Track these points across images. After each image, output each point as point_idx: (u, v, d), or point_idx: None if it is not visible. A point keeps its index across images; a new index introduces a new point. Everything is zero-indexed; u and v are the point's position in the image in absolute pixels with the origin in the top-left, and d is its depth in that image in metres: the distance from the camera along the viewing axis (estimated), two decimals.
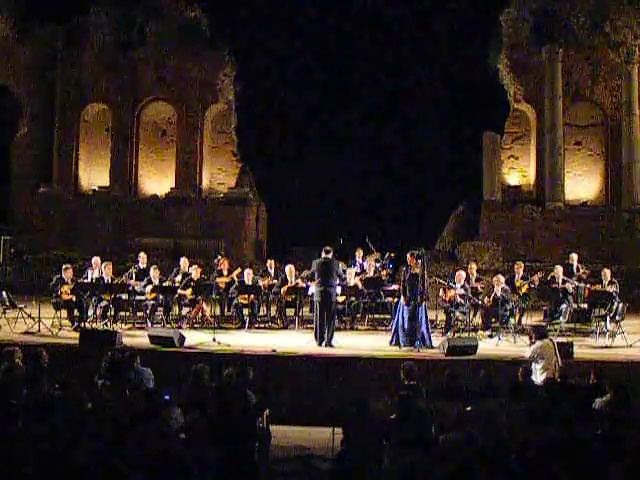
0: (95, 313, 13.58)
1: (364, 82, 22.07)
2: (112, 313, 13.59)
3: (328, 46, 21.89)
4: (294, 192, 21.25)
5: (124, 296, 13.83)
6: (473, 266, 14.55)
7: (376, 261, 14.89)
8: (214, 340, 11.82)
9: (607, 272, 13.83)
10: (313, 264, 12.31)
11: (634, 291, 17.66)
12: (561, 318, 13.76)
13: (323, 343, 11.77)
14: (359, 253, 14.96)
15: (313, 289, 12.69)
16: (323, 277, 11.89)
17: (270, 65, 21.92)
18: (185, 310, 14.16)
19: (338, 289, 12.94)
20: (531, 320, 13.80)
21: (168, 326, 13.43)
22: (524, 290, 13.85)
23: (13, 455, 5.64)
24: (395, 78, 21.86)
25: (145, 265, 14.59)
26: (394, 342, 11.90)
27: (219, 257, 14.93)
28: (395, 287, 13.93)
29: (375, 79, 22.09)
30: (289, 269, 14.28)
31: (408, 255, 12.18)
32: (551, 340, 10.17)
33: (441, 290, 13.67)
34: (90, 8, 21.48)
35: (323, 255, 12.05)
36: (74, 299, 13.21)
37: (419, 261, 12.03)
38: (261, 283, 14.18)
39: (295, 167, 21.39)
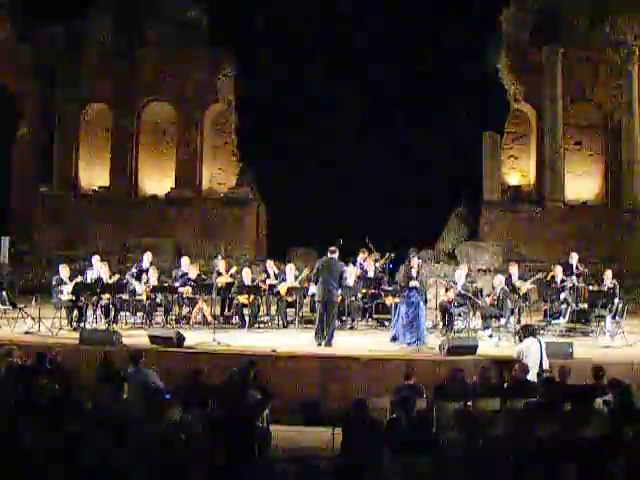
0: (95, 313, 13.58)
1: (364, 82, 22.06)
2: (112, 313, 13.58)
3: (328, 46, 21.88)
4: (294, 192, 21.24)
5: (124, 296, 13.83)
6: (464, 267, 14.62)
7: (375, 261, 14.88)
8: (214, 340, 11.81)
9: (609, 273, 13.83)
10: (317, 263, 12.30)
11: (634, 291, 17.68)
12: (561, 318, 13.76)
13: (323, 343, 11.76)
14: (363, 255, 14.87)
15: (313, 289, 12.69)
16: (325, 277, 11.87)
17: (270, 65, 21.91)
18: (185, 310, 14.16)
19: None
20: (531, 320, 13.78)
21: (168, 326, 13.42)
22: (524, 290, 13.85)
23: (13, 455, 5.64)
24: (395, 78, 21.85)
25: (149, 265, 14.58)
26: (398, 339, 11.91)
27: (219, 257, 14.94)
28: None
29: (375, 79, 22.08)
30: (290, 269, 14.28)
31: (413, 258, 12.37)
32: (539, 340, 10.15)
33: (442, 290, 13.67)
34: (90, 8, 21.48)
35: (328, 255, 12.03)
36: (74, 299, 13.20)
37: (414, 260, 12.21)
38: (261, 284, 14.19)
39: (295, 167, 21.38)
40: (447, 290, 13.48)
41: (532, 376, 9.40)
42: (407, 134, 21.37)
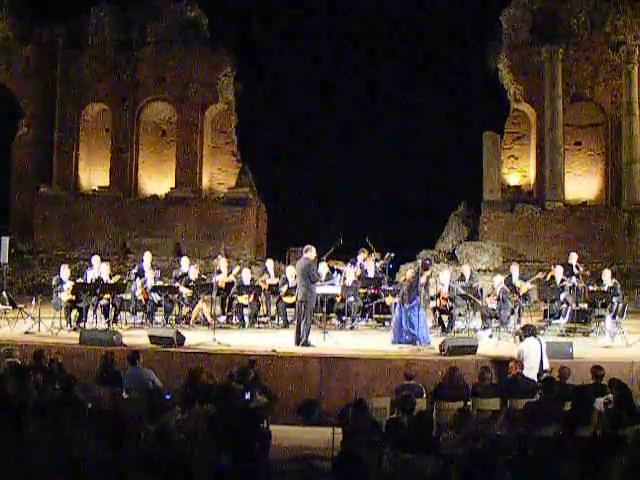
0: (95, 313, 13.57)
1: (364, 82, 22.08)
2: (112, 313, 13.58)
3: (328, 46, 21.90)
4: (294, 192, 21.26)
5: (124, 296, 13.83)
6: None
7: (375, 260, 14.87)
8: (214, 340, 11.81)
9: (607, 273, 13.82)
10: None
11: (634, 291, 17.69)
12: (561, 318, 13.75)
13: (300, 343, 11.70)
14: (363, 254, 14.85)
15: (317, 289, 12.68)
16: (299, 277, 11.96)
17: (270, 65, 21.94)
18: (185, 310, 14.16)
19: (328, 289, 13.05)
20: (531, 320, 13.77)
21: (168, 326, 13.42)
22: (524, 290, 13.85)
23: (14, 454, 5.64)
24: (396, 78, 21.87)
25: (149, 265, 14.56)
26: (396, 341, 11.93)
27: (219, 257, 14.94)
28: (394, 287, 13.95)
29: (375, 79, 22.10)
30: (290, 270, 14.26)
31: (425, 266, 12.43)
32: (539, 340, 10.14)
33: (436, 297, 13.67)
34: (90, 8, 21.50)
35: (304, 255, 12.04)
36: (74, 299, 13.19)
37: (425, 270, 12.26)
38: (262, 284, 14.19)
39: (295, 167, 21.40)
40: (438, 296, 13.48)
41: (532, 376, 9.39)
42: (407, 134, 21.39)
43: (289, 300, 13.79)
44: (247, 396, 8.20)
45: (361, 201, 21.44)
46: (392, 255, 15.17)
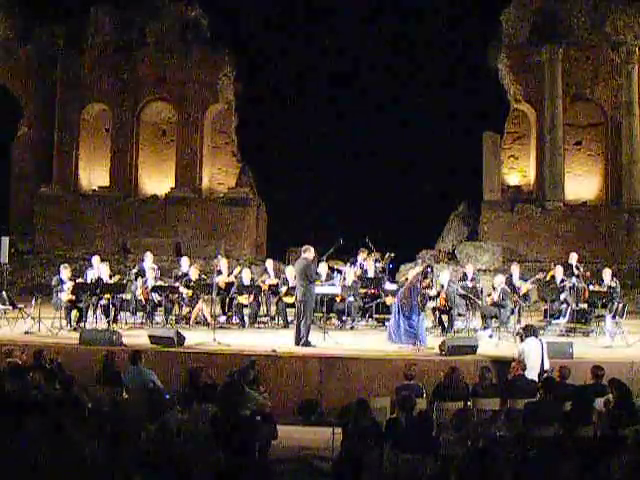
0: (95, 313, 13.58)
1: (364, 81, 22.08)
2: (112, 313, 13.58)
3: (327, 45, 21.89)
4: (294, 192, 21.25)
5: (124, 296, 13.83)
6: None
7: (375, 261, 14.88)
8: (214, 340, 11.82)
9: (607, 272, 13.83)
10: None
11: (634, 291, 17.69)
12: (561, 318, 13.75)
13: (300, 343, 11.69)
14: (363, 254, 14.85)
15: (317, 289, 12.67)
16: (298, 277, 12.00)
17: (270, 65, 21.93)
18: (185, 310, 14.16)
19: (328, 289, 13.08)
20: (531, 320, 13.78)
21: (168, 326, 13.42)
22: (524, 290, 13.86)
23: (14, 454, 5.65)
24: (395, 78, 21.87)
25: (150, 265, 14.56)
26: (395, 340, 11.93)
27: (219, 257, 14.94)
28: (394, 287, 13.94)
29: (375, 79, 22.09)
30: (290, 271, 14.26)
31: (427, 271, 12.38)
32: (540, 340, 10.14)
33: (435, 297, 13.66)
34: (90, 8, 21.49)
35: (302, 255, 12.07)
36: (74, 299, 13.19)
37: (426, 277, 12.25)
38: (262, 284, 14.20)
39: (295, 167, 21.40)
40: (438, 295, 13.47)
41: (533, 376, 9.40)
42: (407, 134, 21.38)
43: (289, 300, 13.79)
44: (258, 418, 8.10)
45: (361, 201, 21.42)
46: (392, 255, 15.18)
